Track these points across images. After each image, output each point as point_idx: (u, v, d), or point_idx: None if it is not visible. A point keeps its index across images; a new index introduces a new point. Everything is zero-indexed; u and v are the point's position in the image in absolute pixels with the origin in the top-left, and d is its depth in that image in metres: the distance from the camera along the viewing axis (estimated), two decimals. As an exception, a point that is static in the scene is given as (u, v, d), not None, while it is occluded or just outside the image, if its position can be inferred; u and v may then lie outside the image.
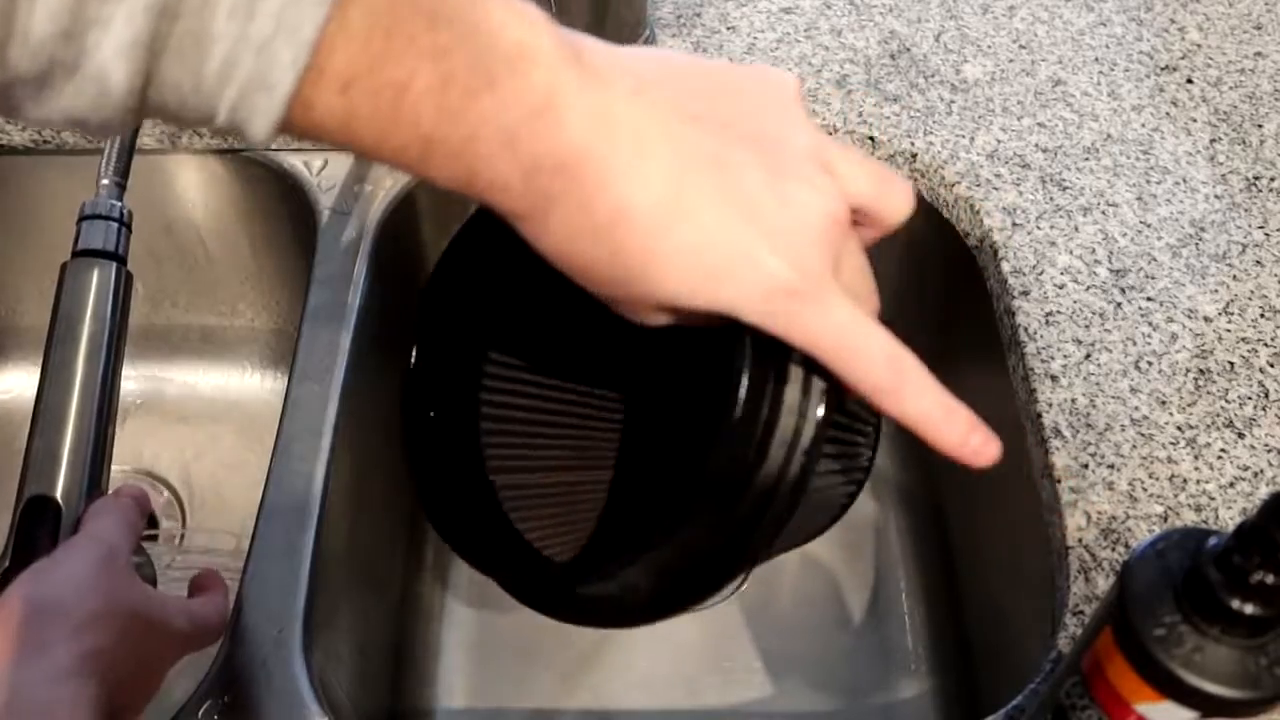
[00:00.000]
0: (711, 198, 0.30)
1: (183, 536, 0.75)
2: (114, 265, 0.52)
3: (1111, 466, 0.56)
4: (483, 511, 0.44)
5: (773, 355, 0.33)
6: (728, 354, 0.34)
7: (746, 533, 0.36)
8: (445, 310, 0.43)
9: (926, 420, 0.33)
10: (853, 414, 0.42)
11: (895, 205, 0.36)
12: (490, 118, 0.28)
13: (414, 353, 0.43)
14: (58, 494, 0.46)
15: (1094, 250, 0.66)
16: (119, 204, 0.54)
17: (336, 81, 0.27)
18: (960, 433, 0.34)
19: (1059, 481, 0.56)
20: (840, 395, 0.35)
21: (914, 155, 0.71)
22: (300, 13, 0.25)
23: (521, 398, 0.47)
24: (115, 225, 0.53)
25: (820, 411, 0.34)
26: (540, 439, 0.47)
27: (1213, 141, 0.72)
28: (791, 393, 0.34)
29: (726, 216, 0.30)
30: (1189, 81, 0.76)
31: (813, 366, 0.34)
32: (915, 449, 0.83)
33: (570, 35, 0.31)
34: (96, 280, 0.51)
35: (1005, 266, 0.65)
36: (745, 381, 0.33)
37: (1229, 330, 0.62)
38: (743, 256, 0.30)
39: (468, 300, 0.43)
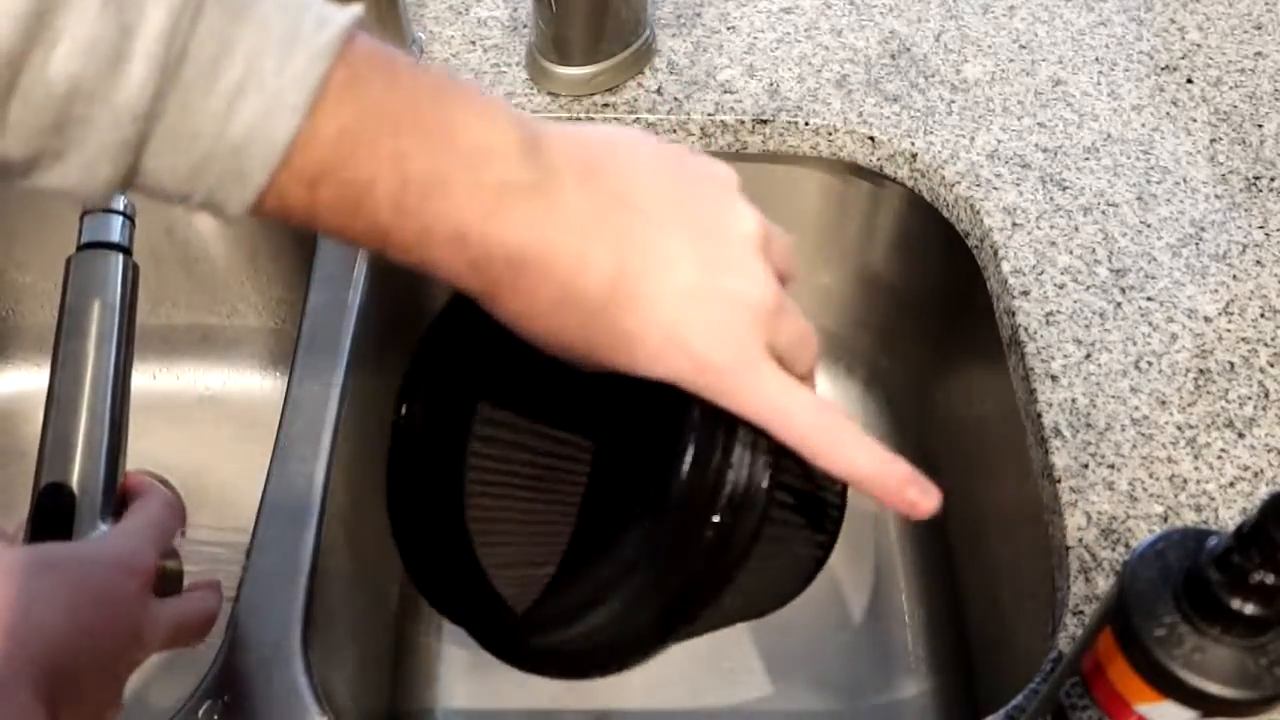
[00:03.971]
0: (650, 285, 0.33)
1: (183, 532, 0.75)
2: (120, 256, 0.52)
3: (1111, 466, 0.56)
4: (458, 561, 0.46)
5: (721, 420, 0.36)
6: (680, 416, 0.36)
7: (694, 590, 0.38)
8: (432, 370, 0.45)
9: (862, 476, 0.36)
10: (811, 474, 0.44)
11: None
12: (442, 216, 0.31)
13: (401, 408, 0.45)
14: (73, 482, 0.46)
15: (1094, 250, 0.66)
16: (121, 196, 0.54)
17: (305, 177, 0.29)
18: (896, 487, 0.36)
19: (1059, 481, 0.56)
20: (792, 456, 0.37)
21: (914, 155, 0.71)
22: (277, 120, 0.28)
23: (503, 451, 0.48)
24: (119, 218, 0.53)
25: (767, 473, 0.37)
26: (517, 492, 0.48)
27: (1213, 141, 0.72)
28: (739, 453, 0.36)
29: (662, 303, 0.33)
30: (1189, 81, 0.76)
31: (760, 430, 0.36)
32: (916, 450, 0.83)
33: (530, 124, 0.33)
34: (103, 272, 0.51)
35: (1005, 266, 0.65)
36: (691, 446, 0.35)
37: (1229, 330, 0.62)
38: (675, 341, 0.33)
39: (451, 360, 0.45)
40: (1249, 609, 0.35)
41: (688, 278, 0.33)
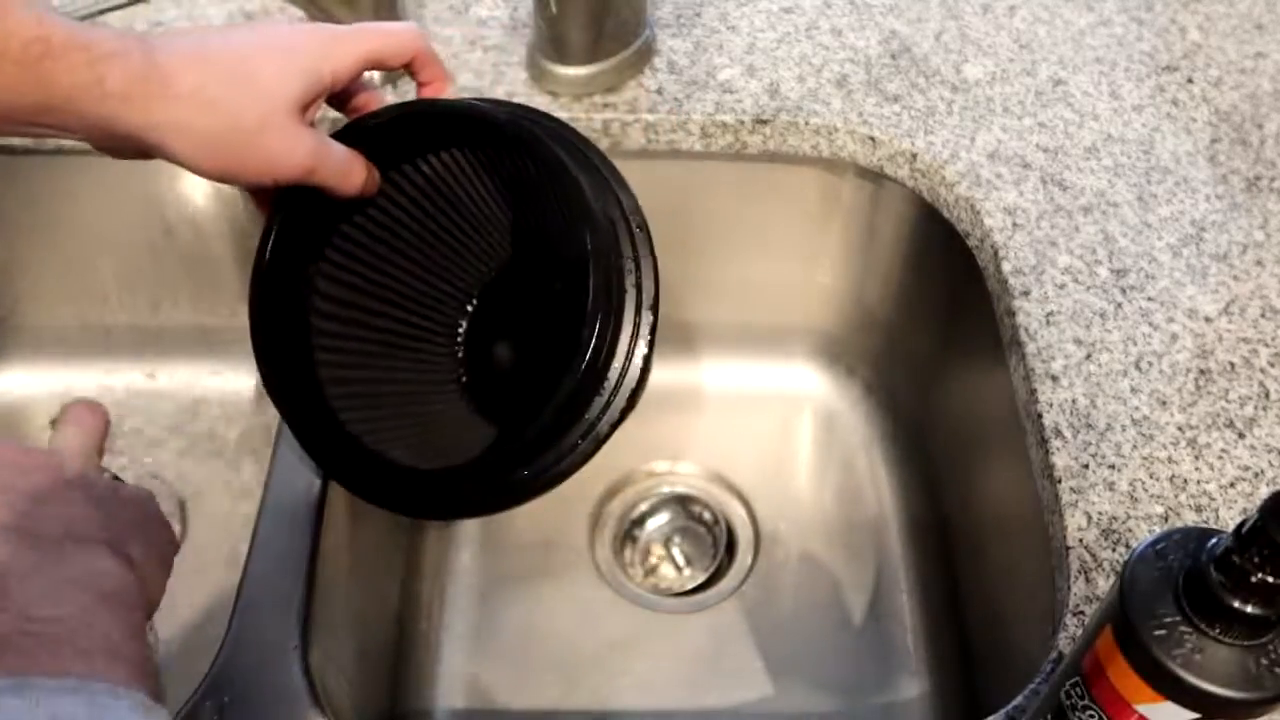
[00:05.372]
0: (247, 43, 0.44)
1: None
2: None
3: (1112, 466, 0.56)
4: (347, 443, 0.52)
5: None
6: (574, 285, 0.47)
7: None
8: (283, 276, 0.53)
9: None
10: None
11: (401, 47, 0.49)
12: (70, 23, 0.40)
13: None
14: None
15: (1094, 250, 0.65)
16: None
17: None
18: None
19: (1059, 481, 0.56)
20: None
21: (914, 155, 0.71)
22: None
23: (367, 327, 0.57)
24: None
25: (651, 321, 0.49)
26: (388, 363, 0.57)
27: (1213, 141, 0.72)
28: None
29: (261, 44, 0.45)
30: (1189, 81, 0.76)
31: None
32: (916, 451, 0.83)
33: None
34: None
35: (1005, 266, 0.65)
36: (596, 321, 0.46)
37: (1229, 330, 0.62)
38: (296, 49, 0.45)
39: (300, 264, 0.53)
40: (1249, 609, 0.35)
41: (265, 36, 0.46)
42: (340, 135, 0.50)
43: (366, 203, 0.52)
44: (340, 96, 0.51)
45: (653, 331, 0.49)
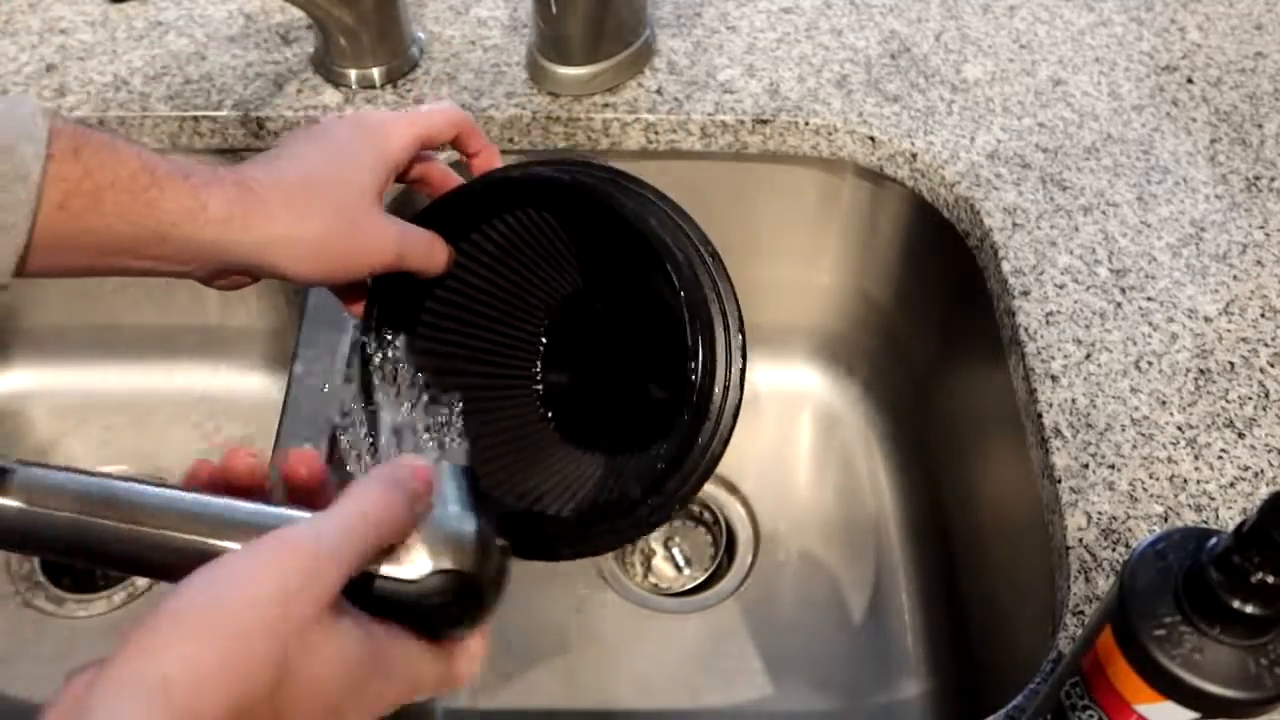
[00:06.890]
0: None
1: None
2: None
3: (1111, 466, 0.56)
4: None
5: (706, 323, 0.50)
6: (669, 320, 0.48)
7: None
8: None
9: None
10: None
11: (447, 124, 0.51)
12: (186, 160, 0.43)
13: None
14: None
15: (1094, 250, 0.66)
16: None
17: (70, 147, 0.40)
18: None
19: (1059, 481, 0.56)
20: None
21: (914, 155, 0.71)
22: (34, 122, 0.39)
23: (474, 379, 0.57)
24: None
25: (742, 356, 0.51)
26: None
27: (1213, 141, 0.72)
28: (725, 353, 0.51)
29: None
30: (1189, 81, 0.76)
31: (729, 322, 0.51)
32: (916, 450, 0.83)
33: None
34: None
35: (1005, 266, 0.65)
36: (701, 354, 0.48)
37: (1229, 330, 0.62)
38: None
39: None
40: (1249, 609, 0.35)
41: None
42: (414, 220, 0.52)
43: (446, 275, 0.54)
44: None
45: (744, 351, 0.51)
